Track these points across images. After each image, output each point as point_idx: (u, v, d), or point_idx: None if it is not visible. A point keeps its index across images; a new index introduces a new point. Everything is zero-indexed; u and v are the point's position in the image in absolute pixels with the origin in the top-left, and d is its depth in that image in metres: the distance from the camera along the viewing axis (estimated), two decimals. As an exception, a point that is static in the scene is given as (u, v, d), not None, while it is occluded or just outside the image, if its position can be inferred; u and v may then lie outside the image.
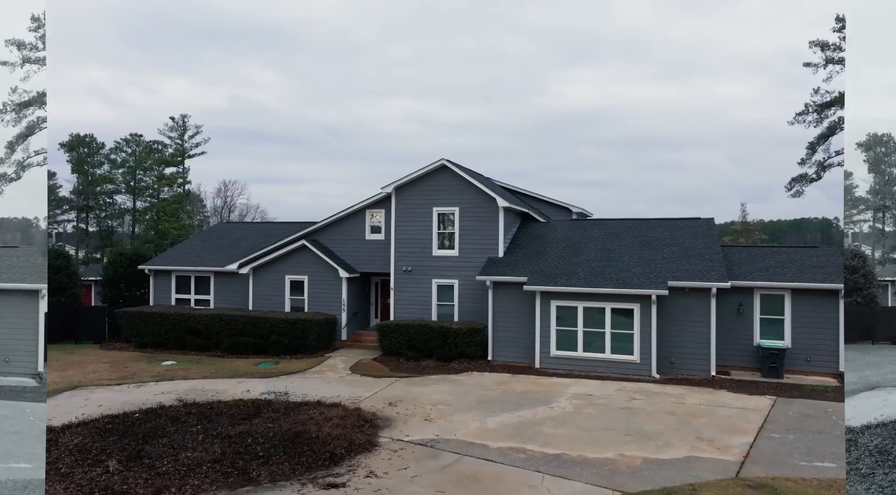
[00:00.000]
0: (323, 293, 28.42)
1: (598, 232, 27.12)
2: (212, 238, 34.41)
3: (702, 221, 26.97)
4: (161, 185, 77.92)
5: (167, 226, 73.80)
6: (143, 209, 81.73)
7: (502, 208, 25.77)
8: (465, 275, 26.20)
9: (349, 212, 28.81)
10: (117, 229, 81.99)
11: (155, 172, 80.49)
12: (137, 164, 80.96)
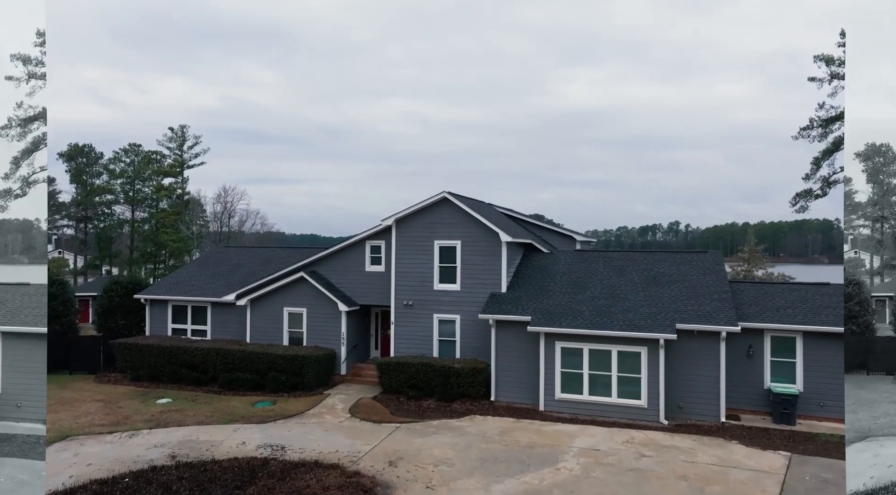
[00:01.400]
0: (322, 326, 27.82)
1: (604, 265, 26.51)
2: (209, 264, 33.83)
3: (709, 255, 26.37)
4: (160, 196, 77.38)
5: (166, 237, 73.27)
6: (141, 219, 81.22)
7: (505, 243, 25.17)
8: (467, 311, 25.60)
9: (349, 244, 28.24)
10: (116, 240, 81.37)
11: (153, 183, 79.98)
12: (136, 175, 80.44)
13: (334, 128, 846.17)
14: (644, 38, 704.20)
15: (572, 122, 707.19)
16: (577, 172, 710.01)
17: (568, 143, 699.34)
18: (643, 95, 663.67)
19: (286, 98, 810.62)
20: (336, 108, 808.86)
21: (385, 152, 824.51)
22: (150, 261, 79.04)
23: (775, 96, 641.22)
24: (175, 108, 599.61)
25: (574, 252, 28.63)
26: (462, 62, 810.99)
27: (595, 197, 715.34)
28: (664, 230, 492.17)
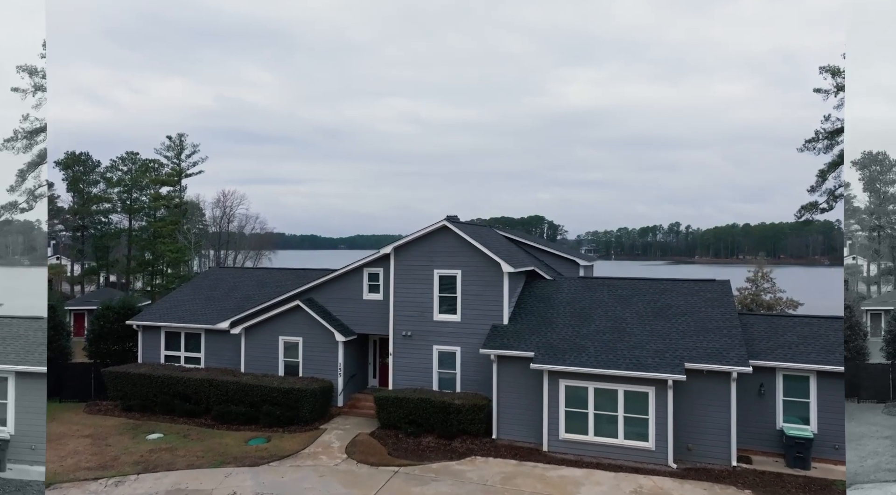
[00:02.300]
0: (318, 356, 27.03)
1: (608, 294, 25.71)
2: (203, 287, 33.03)
3: (717, 284, 25.56)
4: (157, 206, 76.58)
5: (163, 248, 72.50)
6: (139, 228, 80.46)
7: (507, 273, 24.37)
8: (467, 343, 24.82)
9: (346, 271, 27.45)
10: (113, 248, 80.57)
11: (151, 192, 79.21)
12: (133, 183, 79.67)
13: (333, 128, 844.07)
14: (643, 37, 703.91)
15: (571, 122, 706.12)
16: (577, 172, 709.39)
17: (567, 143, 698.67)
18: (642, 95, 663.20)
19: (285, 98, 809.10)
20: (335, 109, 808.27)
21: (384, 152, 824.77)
22: (148, 271, 78.27)
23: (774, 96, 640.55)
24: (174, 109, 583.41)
25: (578, 279, 27.84)
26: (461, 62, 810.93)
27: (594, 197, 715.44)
28: (664, 231, 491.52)
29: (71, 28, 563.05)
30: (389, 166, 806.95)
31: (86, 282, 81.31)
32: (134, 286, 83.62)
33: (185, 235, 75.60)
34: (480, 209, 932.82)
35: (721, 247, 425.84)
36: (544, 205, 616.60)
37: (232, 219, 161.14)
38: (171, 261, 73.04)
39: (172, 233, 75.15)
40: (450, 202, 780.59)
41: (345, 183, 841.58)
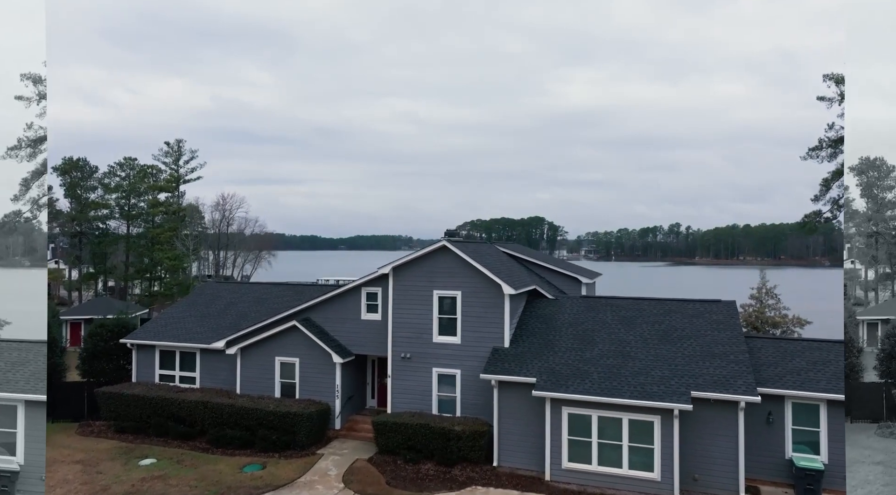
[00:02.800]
0: (315, 377, 26.48)
1: (611, 315, 25.14)
2: (199, 303, 32.46)
3: (722, 306, 24.98)
4: (155, 212, 76.03)
5: (161, 255, 71.96)
6: (137, 234, 79.88)
7: (508, 295, 23.81)
8: (468, 365, 24.26)
9: (344, 291, 26.91)
10: (111, 255, 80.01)
11: (149, 197, 78.68)
12: (131, 189, 79.09)
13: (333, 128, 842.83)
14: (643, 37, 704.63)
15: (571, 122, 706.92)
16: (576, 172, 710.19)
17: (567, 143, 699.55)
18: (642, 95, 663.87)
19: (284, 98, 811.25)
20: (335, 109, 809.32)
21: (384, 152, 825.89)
22: (146, 277, 77.68)
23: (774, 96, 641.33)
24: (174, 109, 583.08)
25: (580, 299, 27.26)
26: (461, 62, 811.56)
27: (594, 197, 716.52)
28: (665, 232, 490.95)
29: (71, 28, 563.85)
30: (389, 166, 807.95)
31: (84, 289, 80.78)
32: (133, 291, 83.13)
33: (183, 242, 75.08)
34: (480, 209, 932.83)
35: (721, 247, 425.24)
36: (544, 205, 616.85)
37: (231, 222, 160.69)
38: (169, 268, 72.46)
39: (170, 239, 74.63)
40: (450, 202, 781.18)
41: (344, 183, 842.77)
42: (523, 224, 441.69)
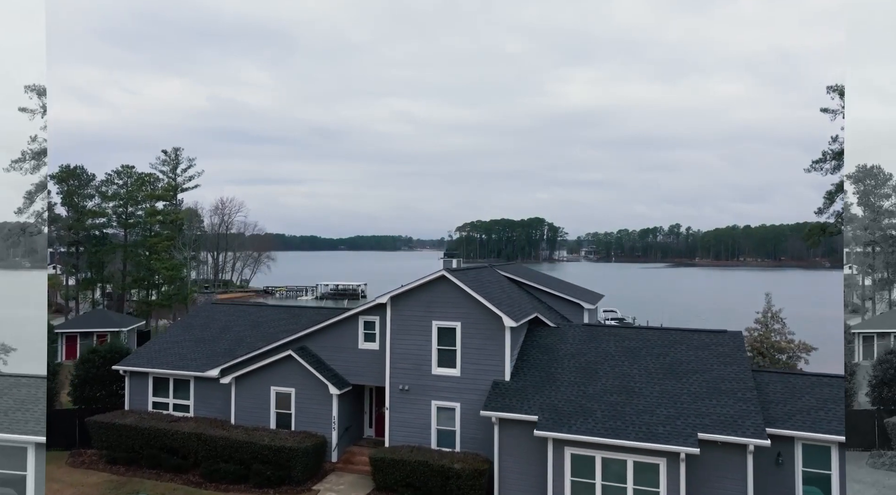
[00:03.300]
0: (311, 408, 25.87)
1: (614, 346, 24.52)
2: (194, 326, 31.84)
3: (728, 337, 24.35)
4: (152, 222, 75.42)
5: (158, 264, 71.36)
6: (134, 243, 79.27)
7: (509, 328, 23.20)
8: (467, 399, 23.66)
9: (341, 319, 26.32)
10: (108, 264, 79.37)
11: (147, 206, 78.08)
12: (129, 197, 78.46)
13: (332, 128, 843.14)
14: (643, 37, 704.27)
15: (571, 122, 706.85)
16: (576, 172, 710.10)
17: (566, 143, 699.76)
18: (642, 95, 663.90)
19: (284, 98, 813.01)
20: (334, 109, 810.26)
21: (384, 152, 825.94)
22: (143, 287, 77.08)
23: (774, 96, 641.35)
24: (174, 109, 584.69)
25: (582, 327, 26.65)
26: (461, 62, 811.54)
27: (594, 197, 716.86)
28: (665, 233, 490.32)
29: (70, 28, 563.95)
30: (389, 166, 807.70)
31: (80, 298, 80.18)
32: (130, 298, 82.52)
33: (180, 251, 74.52)
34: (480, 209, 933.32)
35: (722, 248, 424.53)
36: (544, 205, 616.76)
37: (230, 226, 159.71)
38: (167, 278, 71.85)
39: (168, 248, 74.06)
40: (450, 202, 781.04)
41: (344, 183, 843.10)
42: (523, 225, 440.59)
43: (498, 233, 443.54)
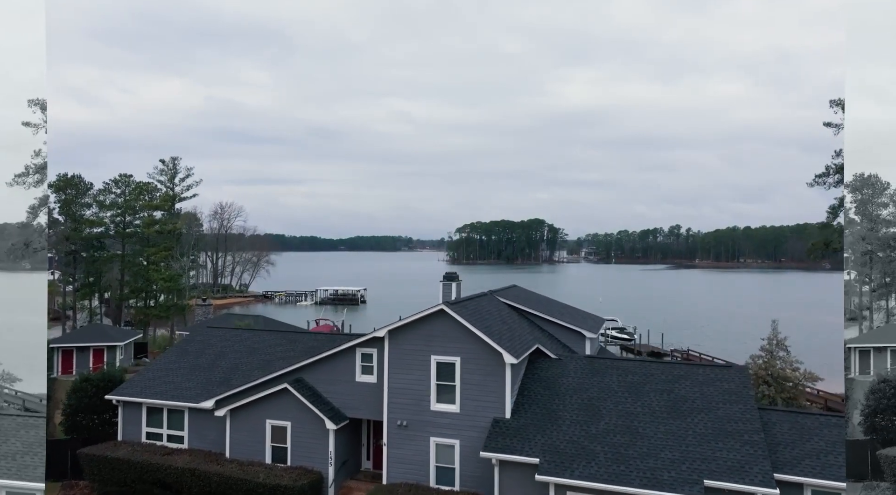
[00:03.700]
0: (307, 442, 25.32)
1: (617, 381, 23.97)
2: (189, 352, 31.28)
3: (734, 373, 23.81)
4: (150, 232, 74.91)
5: (156, 275, 70.88)
6: (132, 253, 78.78)
7: (510, 364, 22.65)
8: (467, 436, 23.12)
9: (338, 351, 25.74)
10: (105, 274, 78.84)
11: (144, 215, 77.60)
12: (126, 207, 77.98)
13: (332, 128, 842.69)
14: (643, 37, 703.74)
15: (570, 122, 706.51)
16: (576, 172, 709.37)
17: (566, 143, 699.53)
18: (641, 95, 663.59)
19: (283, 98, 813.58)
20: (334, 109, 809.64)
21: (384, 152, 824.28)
22: (141, 298, 76.55)
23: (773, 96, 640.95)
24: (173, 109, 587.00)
25: (584, 359, 26.09)
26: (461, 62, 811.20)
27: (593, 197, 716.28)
28: (665, 234, 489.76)
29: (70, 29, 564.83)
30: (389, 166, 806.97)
31: (78, 308, 79.67)
32: (129, 307, 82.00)
33: (178, 260, 74.04)
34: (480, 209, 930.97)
35: (722, 250, 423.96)
36: (543, 206, 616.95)
37: (229, 230, 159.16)
38: (164, 288, 71.35)
39: (166, 258, 73.58)
40: (449, 202, 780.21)
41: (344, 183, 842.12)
42: (523, 226, 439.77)
43: (498, 234, 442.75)
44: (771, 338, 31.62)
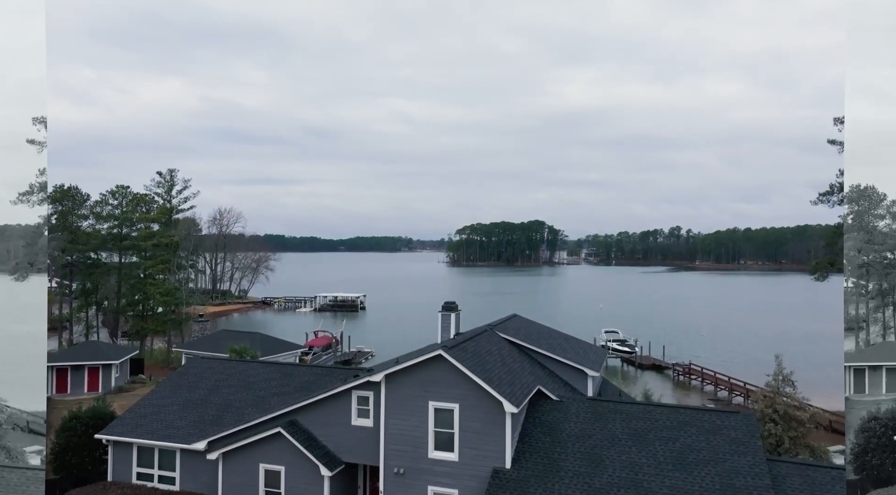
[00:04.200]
0: (302, 487, 24.61)
1: (621, 427, 23.27)
2: (182, 386, 30.61)
3: (740, 420, 23.08)
4: (147, 246, 74.20)
5: (152, 289, 70.20)
6: (129, 264, 78.11)
7: (510, 413, 21.96)
8: (466, 485, 22.42)
9: (334, 393, 25.03)
10: (102, 287, 78.19)
11: (141, 227, 76.91)
12: (123, 219, 77.29)
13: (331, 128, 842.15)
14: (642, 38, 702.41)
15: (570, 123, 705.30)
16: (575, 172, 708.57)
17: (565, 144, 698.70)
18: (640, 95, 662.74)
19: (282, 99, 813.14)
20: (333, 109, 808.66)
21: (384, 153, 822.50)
22: (137, 312, 75.84)
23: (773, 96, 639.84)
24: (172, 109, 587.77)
25: (587, 402, 25.37)
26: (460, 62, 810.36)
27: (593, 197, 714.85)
28: (665, 235, 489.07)
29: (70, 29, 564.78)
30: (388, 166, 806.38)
31: (75, 321, 79.00)
32: (126, 320, 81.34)
33: (175, 273, 73.40)
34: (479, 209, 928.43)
35: (722, 251, 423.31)
36: (543, 206, 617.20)
37: (228, 233, 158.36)
38: (160, 303, 70.65)
39: (163, 271, 72.90)
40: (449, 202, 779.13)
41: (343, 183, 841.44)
42: (523, 228, 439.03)
43: (498, 235, 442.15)
44: (776, 374, 30.90)
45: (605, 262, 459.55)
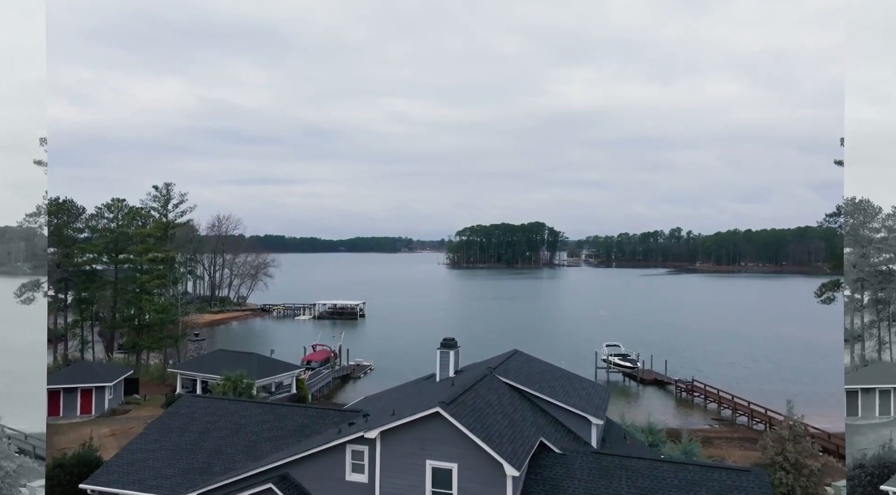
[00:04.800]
0: (294, 546, 23.64)
1: (627, 486, 22.27)
2: (173, 429, 29.60)
3: (752, 479, 22.08)
4: (142, 260, 73.19)
5: (148, 306, 69.22)
6: (124, 279, 77.07)
7: (511, 477, 20.95)
8: (465, 550, 21.42)
9: (327, 447, 23.97)
10: (97, 301, 77.16)
11: (137, 241, 75.91)
12: (119, 233, 76.26)
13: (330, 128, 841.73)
14: (641, 38, 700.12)
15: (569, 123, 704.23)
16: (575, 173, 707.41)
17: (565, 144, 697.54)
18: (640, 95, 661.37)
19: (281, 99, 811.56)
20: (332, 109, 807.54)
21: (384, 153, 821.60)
22: (133, 326, 74.81)
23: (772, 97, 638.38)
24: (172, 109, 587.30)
25: (592, 456, 24.35)
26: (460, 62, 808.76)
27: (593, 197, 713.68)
28: (665, 236, 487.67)
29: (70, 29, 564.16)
30: (388, 167, 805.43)
31: (70, 336, 77.94)
32: (121, 336, 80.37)
33: (171, 288, 72.43)
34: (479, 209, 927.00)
35: (723, 253, 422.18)
36: (543, 206, 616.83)
37: (227, 236, 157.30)
38: (156, 320, 69.62)
39: (159, 286, 71.94)
40: (449, 202, 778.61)
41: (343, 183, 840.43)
42: (523, 229, 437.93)
43: (498, 237, 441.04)
44: (786, 419, 29.82)
45: (605, 264, 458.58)
